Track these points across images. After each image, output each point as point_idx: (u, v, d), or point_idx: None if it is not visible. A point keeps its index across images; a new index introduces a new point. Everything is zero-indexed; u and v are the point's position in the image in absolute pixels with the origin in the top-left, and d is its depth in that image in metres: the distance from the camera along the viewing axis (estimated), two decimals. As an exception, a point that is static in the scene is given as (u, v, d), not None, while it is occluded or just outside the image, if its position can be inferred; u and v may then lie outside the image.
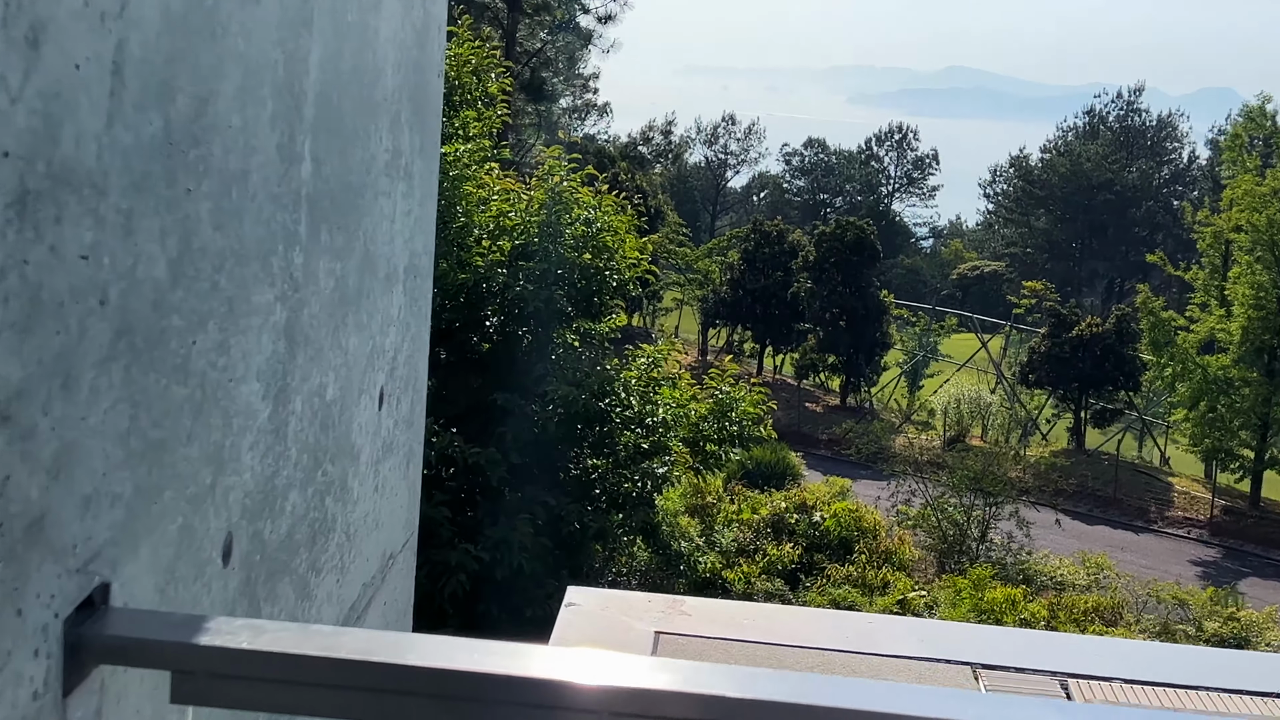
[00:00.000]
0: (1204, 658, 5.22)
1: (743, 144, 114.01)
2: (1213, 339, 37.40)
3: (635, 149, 77.53)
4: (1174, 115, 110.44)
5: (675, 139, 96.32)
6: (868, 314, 45.24)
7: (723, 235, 61.69)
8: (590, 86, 64.24)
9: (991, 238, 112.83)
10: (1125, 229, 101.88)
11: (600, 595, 4.93)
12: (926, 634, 4.76)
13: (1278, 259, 35.45)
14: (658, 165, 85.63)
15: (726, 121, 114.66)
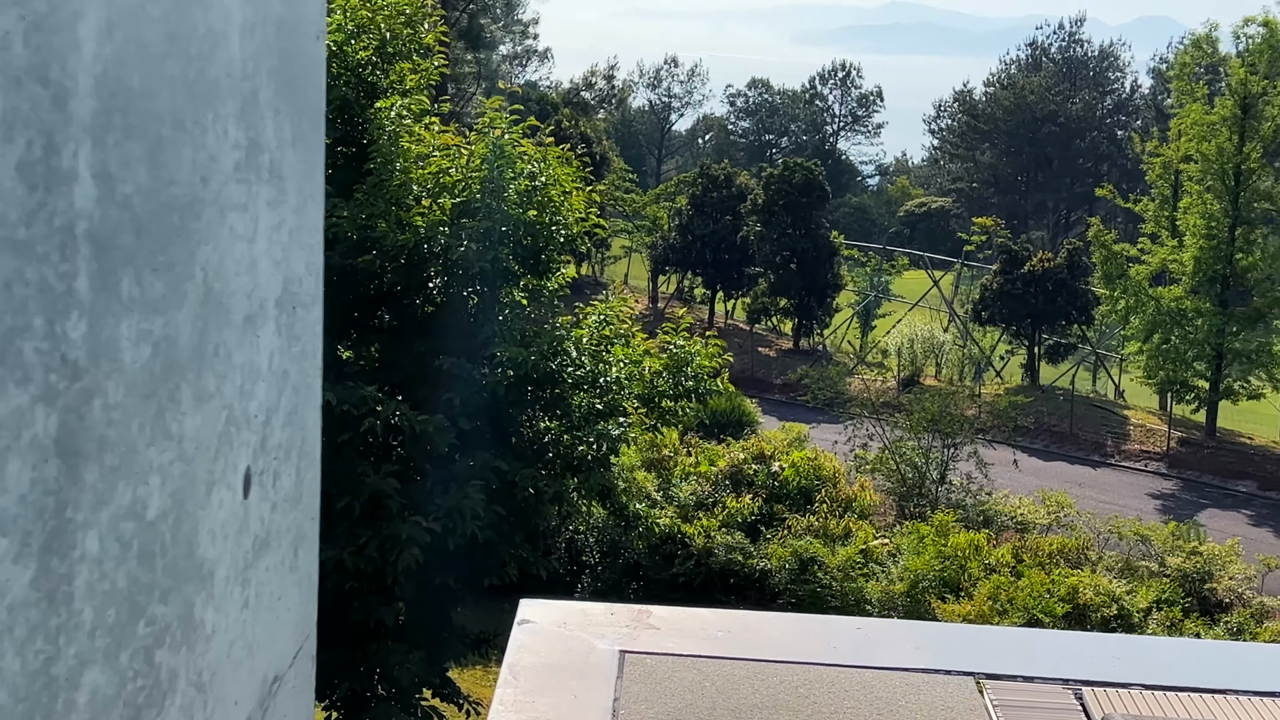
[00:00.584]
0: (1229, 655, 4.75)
1: (686, 86, 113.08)
2: (1165, 270, 37.23)
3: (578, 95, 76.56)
4: (1115, 45, 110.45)
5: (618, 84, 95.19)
6: (818, 256, 44.82)
7: (670, 180, 61.07)
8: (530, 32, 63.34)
9: (938, 174, 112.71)
10: (1070, 161, 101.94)
11: (557, 609, 4.41)
12: (923, 640, 4.27)
13: (1228, 188, 35.21)
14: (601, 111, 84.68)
15: (669, 64, 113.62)
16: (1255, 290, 36.14)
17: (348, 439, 13.65)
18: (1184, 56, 38.01)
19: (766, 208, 45.10)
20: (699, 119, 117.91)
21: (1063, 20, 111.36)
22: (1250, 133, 34.89)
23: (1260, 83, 34.64)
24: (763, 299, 45.53)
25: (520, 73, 73.07)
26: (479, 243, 14.02)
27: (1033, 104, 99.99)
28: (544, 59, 75.15)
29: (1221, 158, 35.06)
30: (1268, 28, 34.92)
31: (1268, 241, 36.09)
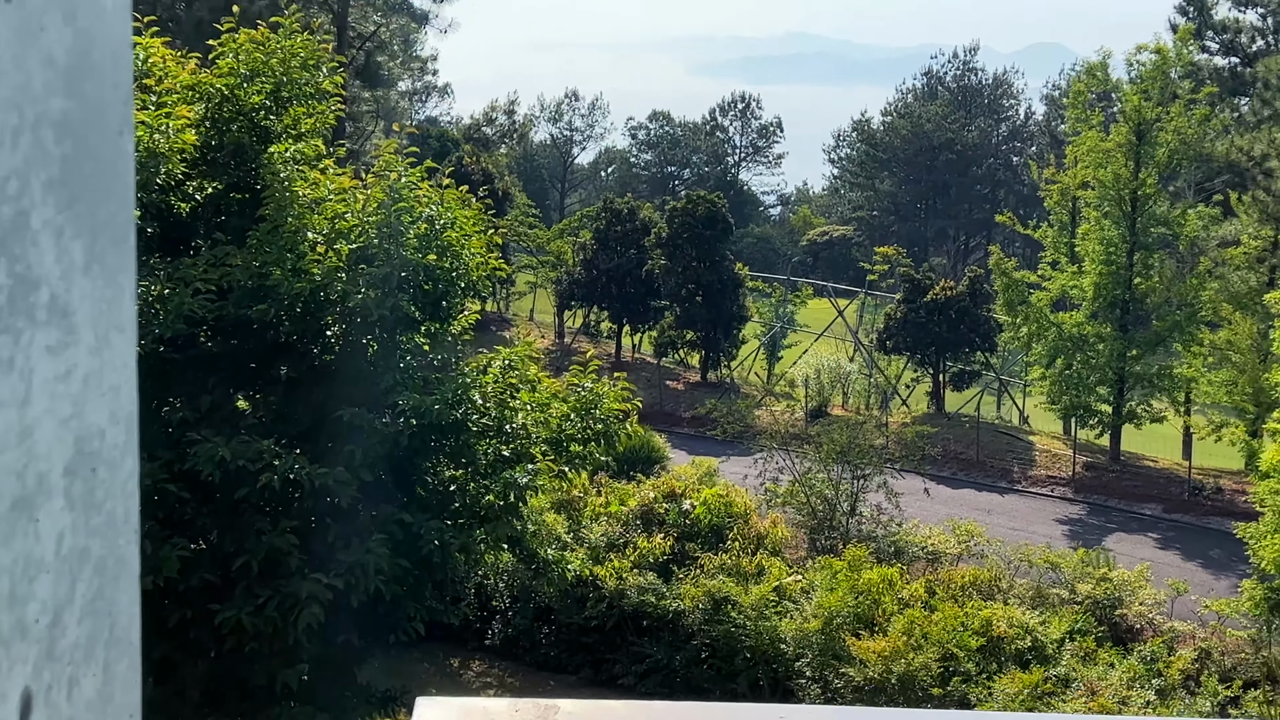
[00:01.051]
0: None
1: (588, 119, 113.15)
2: (1065, 296, 37.56)
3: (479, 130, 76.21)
4: (1008, 73, 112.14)
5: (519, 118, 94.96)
6: (723, 288, 44.78)
7: (573, 214, 60.87)
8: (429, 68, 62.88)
9: (839, 202, 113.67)
10: (968, 187, 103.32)
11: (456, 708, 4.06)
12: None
13: (1125, 214, 35.62)
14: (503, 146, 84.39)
15: (570, 98, 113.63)
16: (1154, 314, 36.58)
17: (244, 495, 13.18)
18: (1078, 84, 38.48)
19: (671, 241, 45.01)
20: (601, 152, 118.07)
21: (956, 49, 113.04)
22: (1145, 159, 35.34)
23: (1154, 109, 35.12)
24: (669, 332, 45.38)
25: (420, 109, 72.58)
26: (378, 289, 13.63)
27: (930, 132, 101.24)
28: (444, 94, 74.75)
29: (1118, 184, 35.46)
30: (1159, 55, 35.43)
31: (1164, 265, 36.57)
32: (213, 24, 15.61)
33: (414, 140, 16.30)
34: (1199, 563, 29.33)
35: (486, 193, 17.24)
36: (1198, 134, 35.36)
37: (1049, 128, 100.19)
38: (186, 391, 13.81)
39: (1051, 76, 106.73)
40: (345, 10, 46.28)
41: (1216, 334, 35.87)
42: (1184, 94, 35.90)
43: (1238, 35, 51.35)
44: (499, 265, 14.94)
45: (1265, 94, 39.31)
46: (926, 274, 44.35)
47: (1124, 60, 37.24)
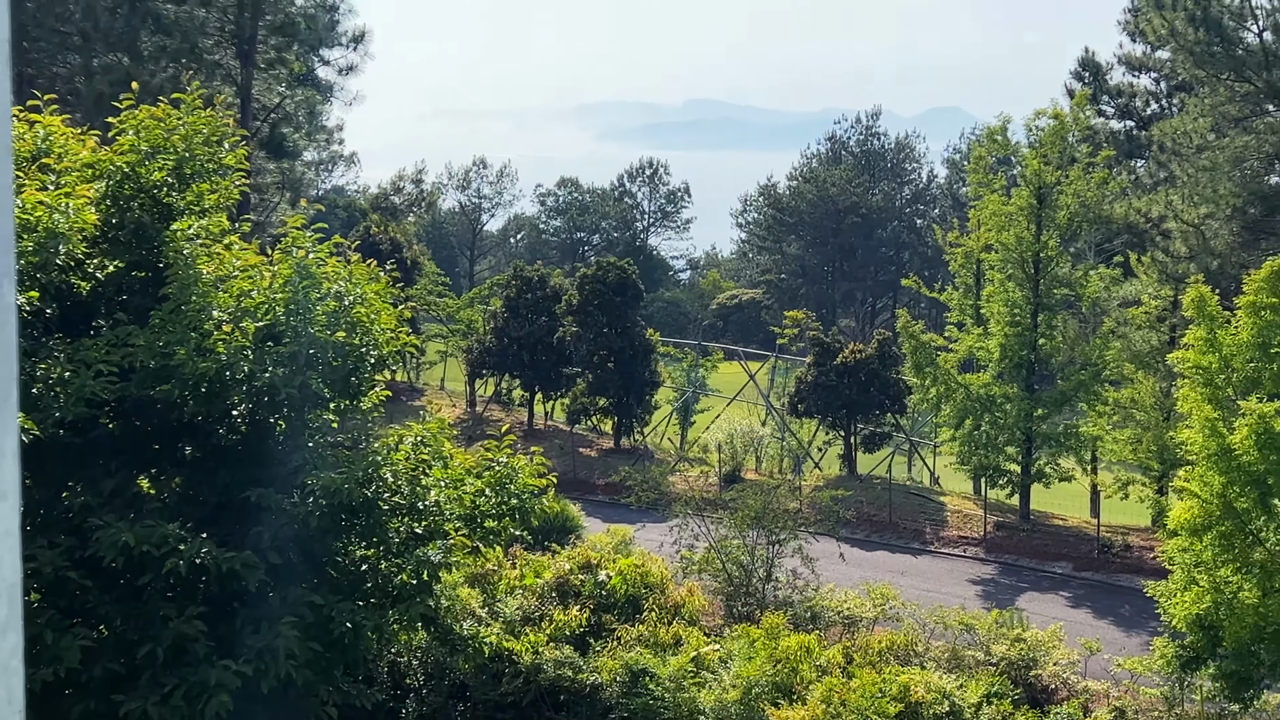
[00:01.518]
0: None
1: (496, 187, 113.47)
2: (972, 357, 37.93)
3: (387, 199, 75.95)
4: (910, 137, 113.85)
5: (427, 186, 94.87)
6: (635, 353, 44.78)
7: (483, 282, 60.68)
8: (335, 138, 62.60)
9: (747, 266, 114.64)
10: (874, 250, 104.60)
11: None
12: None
13: (1028, 276, 36.11)
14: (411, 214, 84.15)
15: (478, 165, 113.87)
16: (1059, 374, 37.04)
17: (149, 581, 12.84)
18: (978, 149, 39.03)
19: (582, 307, 44.97)
20: (510, 219, 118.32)
21: (859, 114, 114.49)
22: (1046, 221, 35.90)
23: (1053, 173, 35.72)
24: (582, 399, 45.25)
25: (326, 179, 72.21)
26: (285, 367, 13.39)
27: (835, 196, 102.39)
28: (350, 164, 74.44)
29: (1020, 246, 35.95)
30: (1057, 120, 36.10)
31: (1068, 326, 37.07)
32: (113, 99, 15.34)
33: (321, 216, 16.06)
34: (1110, 620, 29.54)
35: (395, 264, 17.09)
36: (1097, 196, 35.99)
37: (951, 190, 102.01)
38: (88, 475, 13.46)
39: (952, 140, 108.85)
40: (249, 83, 45.99)
41: (1120, 393, 36.42)
42: (1082, 157, 36.57)
43: (1132, 99, 52.59)
44: (410, 340, 14.75)
45: (1160, 156, 40.20)
46: (835, 337, 44.65)
47: (1023, 125, 37.87)
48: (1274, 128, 35.59)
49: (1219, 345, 21.99)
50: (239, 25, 45.35)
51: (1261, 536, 20.06)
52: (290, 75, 48.24)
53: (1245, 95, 37.20)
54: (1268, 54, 36.21)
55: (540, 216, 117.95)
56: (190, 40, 43.85)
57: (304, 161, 60.76)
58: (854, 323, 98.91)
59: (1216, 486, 20.10)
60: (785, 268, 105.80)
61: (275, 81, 48.15)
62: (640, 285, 46.31)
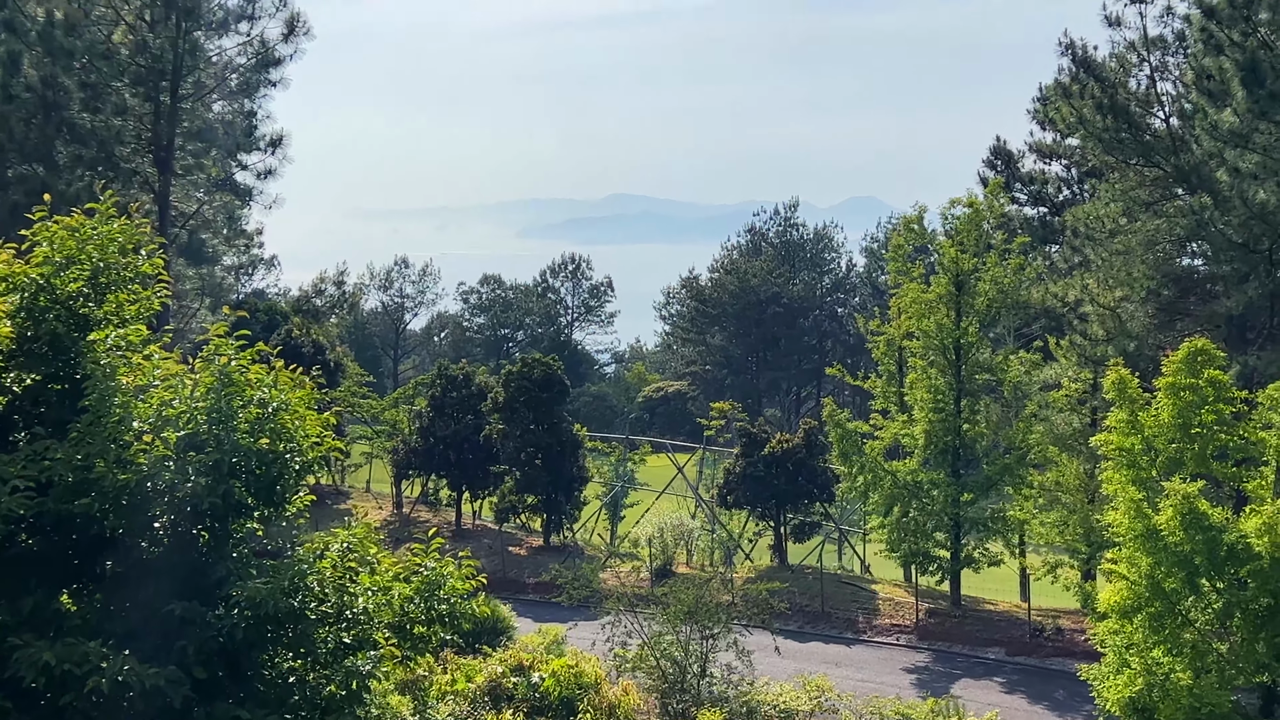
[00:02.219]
0: None
1: (418, 285, 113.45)
2: (898, 444, 38.12)
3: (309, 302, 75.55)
4: (828, 227, 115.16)
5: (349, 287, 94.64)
6: (562, 450, 44.64)
7: (408, 382, 60.39)
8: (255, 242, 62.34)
9: (672, 358, 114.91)
10: (797, 339, 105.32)
11: None
12: None
13: (950, 362, 36.47)
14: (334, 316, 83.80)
15: (400, 265, 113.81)
16: (984, 459, 37.32)
17: (70, 701, 12.47)
18: (896, 238, 39.50)
19: (508, 405, 44.85)
20: (433, 317, 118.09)
21: (778, 206, 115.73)
22: (966, 308, 36.34)
23: (970, 260, 36.23)
24: (510, 497, 44.97)
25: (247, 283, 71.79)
26: (208, 477, 13.17)
27: (756, 287, 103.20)
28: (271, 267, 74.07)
29: (941, 333, 36.33)
30: (972, 208, 36.67)
31: (991, 410, 37.40)
32: (28, 210, 15.17)
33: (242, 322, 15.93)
34: (1045, 705, 29.56)
35: (318, 367, 16.94)
36: (1014, 282, 36.50)
37: (871, 279, 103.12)
38: (6, 594, 13.11)
39: (869, 229, 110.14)
40: (167, 190, 45.77)
41: (1045, 475, 36.72)
42: (998, 244, 37.15)
43: (1044, 186, 53.55)
44: (335, 444, 14.57)
45: (1074, 241, 40.92)
46: (762, 427, 44.77)
47: (938, 213, 38.43)
48: (1184, 211, 36.37)
49: (1140, 426, 22.26)
50: (156, 132, 45.19)
51: (1191, 617, 20.20)
52: (209, 181, 48.13)
53: (1155, 180, 38.02)
54: (1174, 138, 37.08)
55: (464, 314, 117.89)
56: (106, 149, 43.66)
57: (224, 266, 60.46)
58: (780, 412, 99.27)
59: (1144, 568, 20.25)
60: (710, 359, 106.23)
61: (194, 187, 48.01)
62: (566, 381, 46.29)
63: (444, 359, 66.70)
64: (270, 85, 47.06)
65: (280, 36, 46.33)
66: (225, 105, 48.97)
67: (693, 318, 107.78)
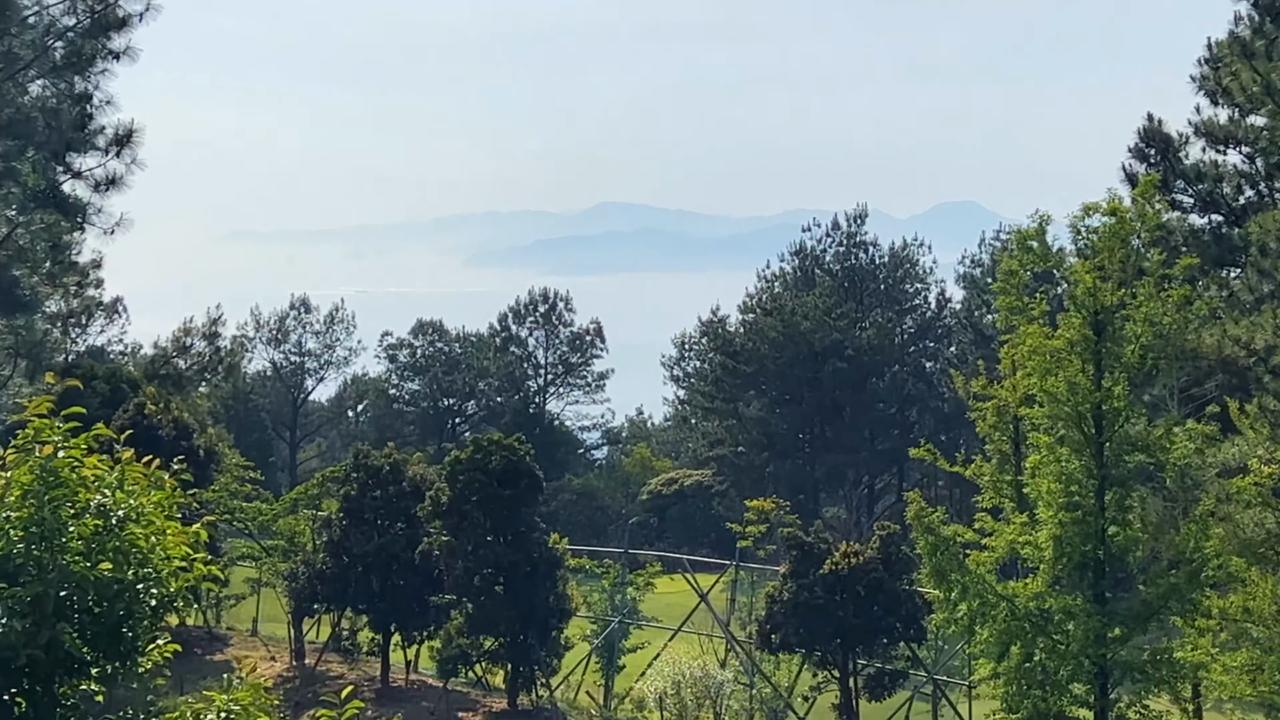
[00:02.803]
0: None
1: (325, 338, 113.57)
2: (1016, 557, 38.01)
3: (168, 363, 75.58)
4: (910, 246, 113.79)
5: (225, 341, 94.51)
6: (534, 571, 44.58)
7: (311, 478, 60.34)
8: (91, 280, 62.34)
9: (689, 436, 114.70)
10: (867, 407, 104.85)
11: None
12: None
13: (1088, 438, 36.30)
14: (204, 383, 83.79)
15: (298, 308, 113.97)
16: (1140, 576, 37.15)
17: None
18: (1008, 261, 39.34)
19: (455, 507, 44.83)
20: (347, 383, 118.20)
21: (837, 218, 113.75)
22: (1109, 360, 36.19)
23: (1115, 292, 36.13)
24: (459, 640, 44.86)
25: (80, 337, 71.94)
26: (24, 619, 13.18)
27: (809, 332, 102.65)
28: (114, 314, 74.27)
29: (1075, 396, 36.15)
30: (1116, 216, 36.59)
31: (1148, 506, 37.28)
32: None
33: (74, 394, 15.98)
34: None
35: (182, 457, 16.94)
36: (1177, 322, 36.37)
37: (971, 319, 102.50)
38: None
39: (968, 248, 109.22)
40: (-34, 205, 45.89)
41: (1228, 599, 36.57)
42: (1154, 267, 37.09)
43: (1218, 184, 53.51)
44: (208, 570, 14.56)
45: (1262, 262, 40.92)
46: (819, 535, 44.74)
47: (1066, 225, 38.33)
48: None
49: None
50: (-66, 124, 45.31)
51: None
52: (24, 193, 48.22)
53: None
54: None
55: (390, 378, 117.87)
56: None
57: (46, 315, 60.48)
58: (845, 513, 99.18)
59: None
60: (744, 437, 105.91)
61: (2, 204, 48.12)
62: (538, 471, 46.29)
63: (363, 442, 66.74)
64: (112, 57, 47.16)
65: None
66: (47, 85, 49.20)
67: (719, 378, 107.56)
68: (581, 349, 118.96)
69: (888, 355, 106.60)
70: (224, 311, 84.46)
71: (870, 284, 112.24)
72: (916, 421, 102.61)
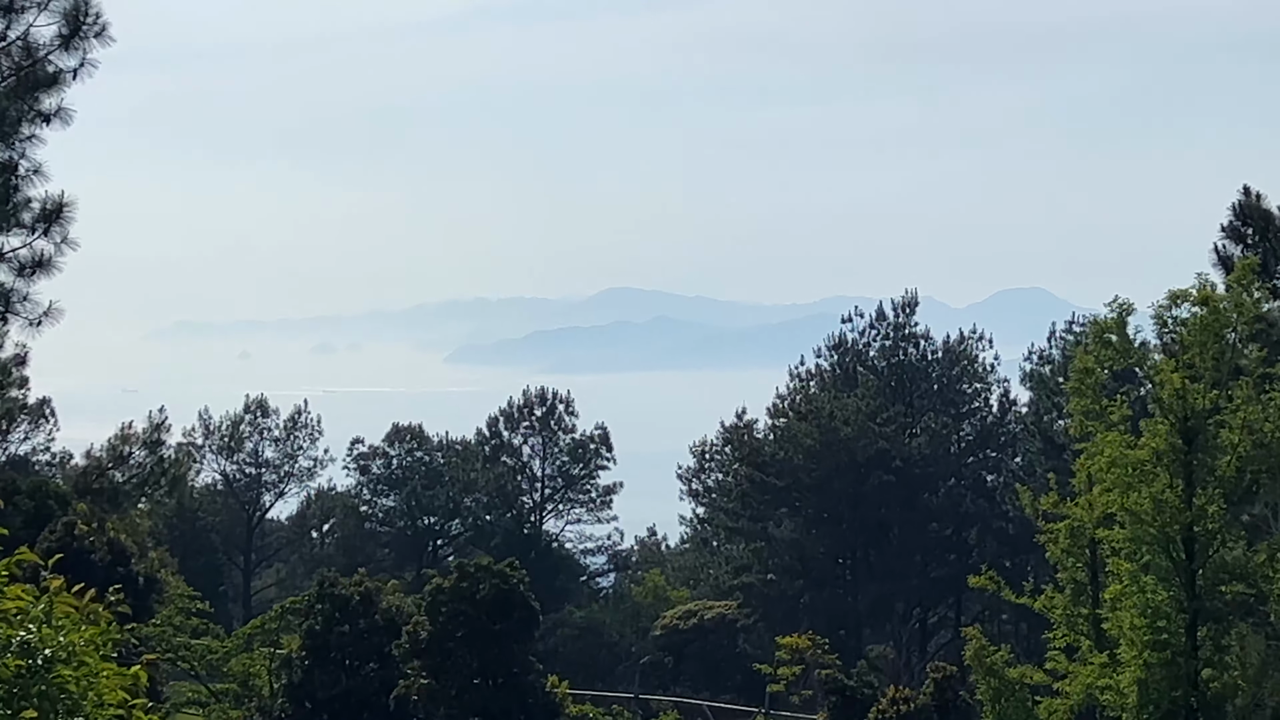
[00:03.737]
0: None
1: (285, 446, 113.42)
2: (1094, 704, 37.91)
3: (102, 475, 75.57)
4: (969, 340, 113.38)
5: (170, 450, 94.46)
6: (528, 718, 44.50)
7: (269, 610, 60.27)
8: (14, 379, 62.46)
9: (710, 561, 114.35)
10: (918, 527, 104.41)
11: None
12: None
13: (1178, 564, 36.21)
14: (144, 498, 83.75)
15: (253, 411, 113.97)
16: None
17: None
18: (1084, 358, 39.39)
19: (436, 644, 44.83)
20: (310, 498, 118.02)
21: (882, 307, 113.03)
22: (1200, 473, 36.17)
23: (1207, 394, 36.13)
24: (441, 802, 44.77)
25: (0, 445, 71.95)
26: (-64, 775, 13.19)
27: (849, 440, 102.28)
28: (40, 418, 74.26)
29: (1161, 515, 36.08)
30: (1207, 306, 36.58)
31: (1248, 645, 37.16)
32: None
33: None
34: None
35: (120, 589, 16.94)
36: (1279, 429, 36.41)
37: (1040, 425, 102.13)
38: None
39: (1035, 341, 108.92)
40: None
41: (1344, 753, 36.43)
42: (1252, 366, 37.08)
43: (1326, 266, 53.58)
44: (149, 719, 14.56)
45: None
46: (863, 677, 44.69)
47: (1151, 316, 38.28)
48: None
49: None
50: None
51: None
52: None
53: None
54: None
55: (361, 492, 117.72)
56: None
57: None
58: (892, 651, 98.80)
59: None
60: (774, 562, 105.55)
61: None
62: (534, 602, 46.33)
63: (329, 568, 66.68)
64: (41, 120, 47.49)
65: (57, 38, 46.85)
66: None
67: (745, 493, 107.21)
68: (584, 459, 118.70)
69: (942, 467, 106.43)
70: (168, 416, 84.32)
71: (922, 383, 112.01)
72: (976, 545, 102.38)
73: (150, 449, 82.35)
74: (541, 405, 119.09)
